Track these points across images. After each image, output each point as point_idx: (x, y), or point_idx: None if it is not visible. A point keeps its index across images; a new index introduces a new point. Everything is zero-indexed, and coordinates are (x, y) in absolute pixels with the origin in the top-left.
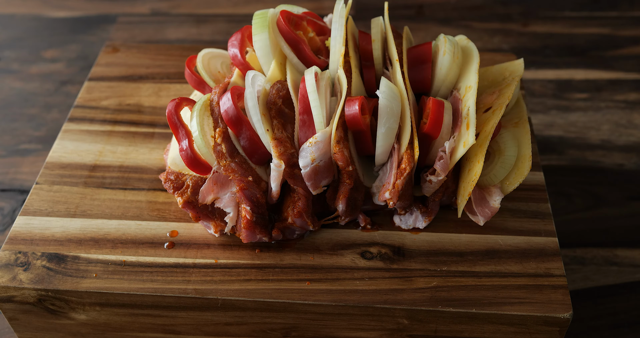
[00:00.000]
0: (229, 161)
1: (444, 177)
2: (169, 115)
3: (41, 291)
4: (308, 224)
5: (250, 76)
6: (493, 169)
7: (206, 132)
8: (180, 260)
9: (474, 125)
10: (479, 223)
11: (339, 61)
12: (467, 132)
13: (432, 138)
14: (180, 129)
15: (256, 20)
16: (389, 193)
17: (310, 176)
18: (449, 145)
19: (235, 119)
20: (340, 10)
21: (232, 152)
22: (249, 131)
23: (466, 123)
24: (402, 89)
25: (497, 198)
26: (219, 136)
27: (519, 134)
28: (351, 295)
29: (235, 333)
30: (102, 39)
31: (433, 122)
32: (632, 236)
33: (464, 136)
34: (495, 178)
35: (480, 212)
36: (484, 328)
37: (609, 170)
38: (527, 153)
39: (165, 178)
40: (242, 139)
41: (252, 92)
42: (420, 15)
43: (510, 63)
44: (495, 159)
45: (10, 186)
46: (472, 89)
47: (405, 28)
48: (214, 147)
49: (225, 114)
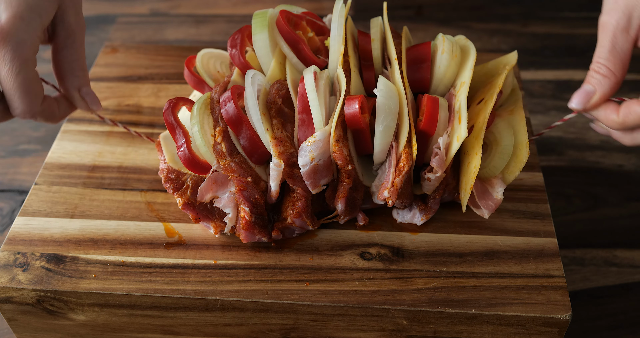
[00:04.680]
0: (228, 161)
1: (442, 174)
2: (165, 115)
3: (40, 292)
4: (307, 224)
5: (250, 75)
6: (492, 161)
7: (206, 131)
8: (179, 260)
9: (465, 118)
10: (484, 216)
11: (338, 60)
12: (460, 126)
13: (429, 136)
14: (177, 129)
15: (256, 20)
16: (387, 192)
17: (309, 175)
18: (443, 141)
19: (236, 118)
20: (340, 9)
21: (231, 151)
22: (249, 130)
23: (458, 117)
24: (400, 87)
25: (499, 189)
26: (219, 135)
27: (514, 122)
28: (350, 296)
29: (234, 333)
30: (101, 40)
31: (428, 119)
32: (631, 237)
33: (457, 130)
34: (495, 169)
35: (484, 205)
36: (483, 329)
37: (608, 171)
38: (523, 139)
39: (165, 177)
40: (241, 139)
41: (252, 91)
42: (420, 15)
43: (505, 56)
44: (493, 151)
45: (9, 186)
46: (465, 83)
47: (404, 28)
48: (214, 146)
49: (225, 113)
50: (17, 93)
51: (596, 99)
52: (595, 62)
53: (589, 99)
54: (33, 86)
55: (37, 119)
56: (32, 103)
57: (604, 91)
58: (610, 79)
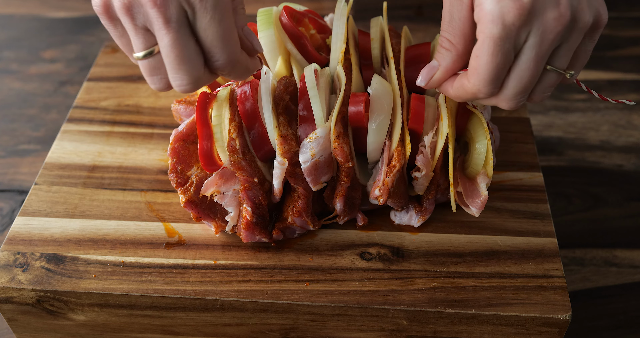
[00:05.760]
0: (240, 158)
1: (429, 173)
2: (198, 110)
3: (40, 292)
4: (308, 223)
5: (264, 71)
6: (472, 159)
7: (225, 126)
8: (179, 260)
9: (446, 115)
10: (475, 214)
11: (339, 58)
12: (442, 123)
13: (418, 134)
14: (206, 127)
15: (261, 17)
16: (378, 190)
17: (310, 171)
18: (428, 139)
19: (252, 113)
20: (342, 8)
21: (244, 149)
22: (261, 126)
23: (440, 115)
24: (396, 86)
25: (482, 185)
26: (234, 131)
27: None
28: (350, 296)
29: (234, 334)
30: (101, 40)
31: (413, 116)
32: (631, 237)
33: (441, 128)
34: (477, 166)
35: (472, 203)
36: (483, 329)
37: (608, 171)
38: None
39: (171, 166)
40: (252, 134)
41: (267, 87)
42: (420, 15)
43: None
44: (471, 148)
45: (9, 186)
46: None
47: (404, 28)
48: (229, 142)
49: (242, 107)
50: (220, 42)
51: (439, 74)
52: (440, 36)
53: (433, 74)
54: (234, 34)
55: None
56: (234, 52)
57: (446, 66)
58: (452, 52)
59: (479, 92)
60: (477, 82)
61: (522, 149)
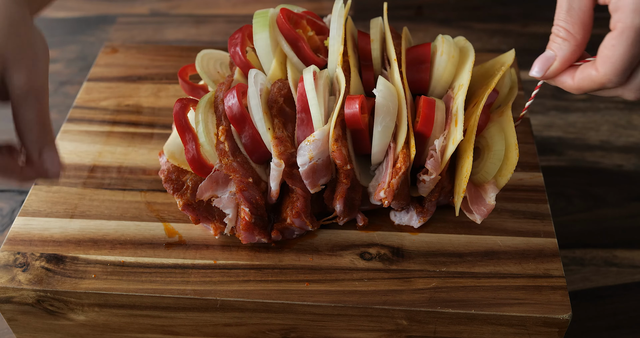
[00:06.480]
0: (231, 160)
1: (437, 176)
2: (176, 117)
3: (40, 292)
4: (307, 224)
5: (252, 74)
6: (484, 166)
7: (210, 130)
8: (179, 260)
9: (462, 121)
10: (477, 221)
11: (337, 60)
12: (456, 129)
13: (425, 137)
14: (187, 132)
15: (257, 19)
16: (383, 192)
17: (308, 174)
18: (438, 143)
19: (239, 116)
20: (340, 9)
21: (234, 151)
22: (252, 129)
23: (455, 120)
24: (400, 88)
25: (491, 195)
26: (222, 134)
27: (504, 124)
28: (350, 296)
29: (234, 334)
30: (101, 40)
31: (424, 120)
32: (631, 237)
33: (453, 133)
34: (488, 174)
35: (477, 210)
36: (483, 329)
37: (608, 171)
38: (512, 142)
39: (165, 177)
40: (243, 137)
41: (254, 90)
42: (420, 15)
43: (502, 55)
44: (485, 156)
45: (9, 186)
46: (464, 86)
47: (404, 29)
48: (217, 145)
49: (229, 111)
50: None
51: (556, 65)
52: (555, 25)
53: (549, 65)
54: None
55: None
56: None
57: (564, 56)
58: (570, 42)
59: (609, 82)
60: (609, 72)
61: (522, 149)
